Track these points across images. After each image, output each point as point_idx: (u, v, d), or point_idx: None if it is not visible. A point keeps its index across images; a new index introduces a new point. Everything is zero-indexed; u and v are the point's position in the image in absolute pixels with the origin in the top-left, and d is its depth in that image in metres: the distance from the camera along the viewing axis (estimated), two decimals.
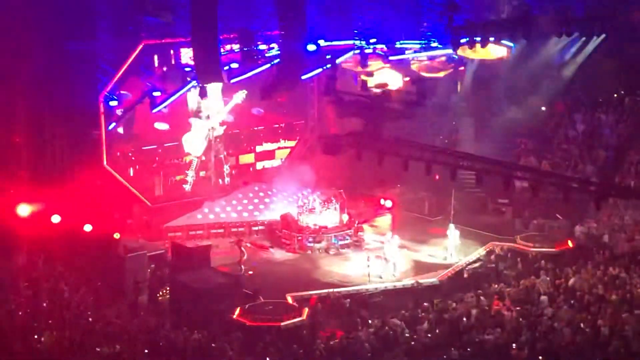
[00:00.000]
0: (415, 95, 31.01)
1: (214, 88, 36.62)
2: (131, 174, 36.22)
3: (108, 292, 28.35)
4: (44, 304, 25.06)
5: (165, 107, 34.19)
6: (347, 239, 34.04)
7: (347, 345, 23.76)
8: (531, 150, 39.39)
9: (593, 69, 39.68)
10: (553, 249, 31.21)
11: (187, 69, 33.57)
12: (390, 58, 35.46)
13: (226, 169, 38.86)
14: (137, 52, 32.98)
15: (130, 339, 23.25)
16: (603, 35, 35.94)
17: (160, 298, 29.56)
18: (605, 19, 31.83)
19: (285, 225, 34.60)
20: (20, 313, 24.13)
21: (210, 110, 37.63)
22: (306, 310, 26.47)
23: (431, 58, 35.80)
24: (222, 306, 26.87)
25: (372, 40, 34.81)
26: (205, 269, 29.73)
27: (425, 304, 27.04)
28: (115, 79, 32.74)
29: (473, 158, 27.40)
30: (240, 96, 38.03)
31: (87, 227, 29.41)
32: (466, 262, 31.64)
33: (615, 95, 40.68)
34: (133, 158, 36.63)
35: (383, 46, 35.02)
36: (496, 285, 28.18)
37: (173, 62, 34.82)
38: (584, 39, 38.37)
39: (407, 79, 36.28)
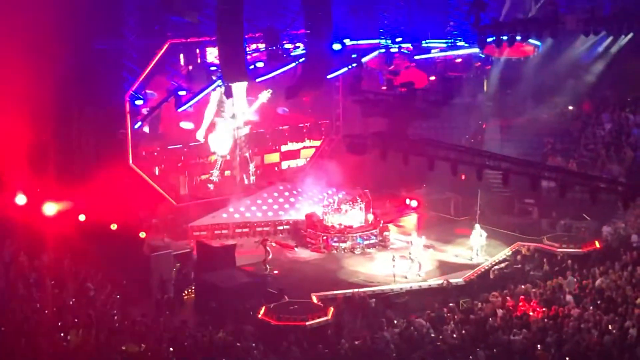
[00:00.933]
0: (441, 94, 30.84)
1: (239, 87, 36.66)
2: (156, 173, 36.32)
3: (133, 290, 28.51)
4: (70, 303, 25.15)
5: (190, 106, 34.27)
6: (373, 239, 33.99)
7: (372, 345, 23.69)
8: (558, 150, 39.16)
9: (621, 68, 39.38)
10: (580, 250, 30.99)
11: (213, 68, 33.64)
12: (416, 57, 35.39)
13: (251, 168, 38.94)
14: (163, 51, 33.13)
15: (156, 338, 23.30)
16: (631, 34, 35.59)
17: (185, 297, 29.66)
18: (633, 17, 31.48)
19: (311, 225, 34.59)
20: (46, 311, 24.25)
21: (235, 110, 37.69)
22: (331, 310, 26.41)
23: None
24: (247, 305, 26.91)
25: (397, 40, 34.76)
26: (231, 268, 29.79)
27: (451, 304, 26.94)
28: (141, 78, 32.90)
29: (499, 158, 27.11)
30: (265, 95, 38.12)
31: (113, 226, 29.55)
32: (492, 262, 31.49)
33: None
34: (158, 157, 36.71)
35: (409, 45, 34.95)
36: (522, 286, 27.97)
37: (199, 61, 34.93)
38: (611, 37, 38.07)
39: (433, 78, 36.22)
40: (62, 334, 22.65)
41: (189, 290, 29.91)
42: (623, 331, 22.64)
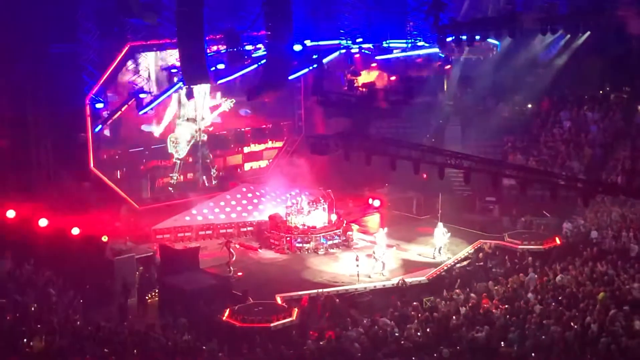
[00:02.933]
0: (402, 94, 31.05)
1: (200, 91, 36.58)
2: (118, 177, 36.07)
3: (97, 295, 28.28)
4: (32, 309, 24.90)
5: (151, 108, 34.13)
6: (336, 239, 34.04)
7: (337, 345, 23.72)
8: (518, 148, 39.54)
9: (578, 66, 39.88)
10: (541, 246, 31.32)
11: (174, 70, 33.55)
12: (377, 57, 35.57)
13: (213, 172, 38.85)
14: (122, 53, 32.93)
15: (120, 342, 23.14)
16: (587, 32, 36.07)
17: (149, 300, 29.49)
18: (590, 15, 31.95)
19: (274, 226, 34.56)
20: (8, 318, 23.98)
21: (195, 113, 37.58)
22: (296, 310, 26.44)
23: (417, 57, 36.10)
24: (211, 308, 26.83)
25: (358, 40, 34.93)
26: (194, 271, 29.69)
27: (414, 302, 27.07)
28: (101, 81, 32.68)
29: (460, 156, 27.40)
30: (227, 105, 38.15)
31: (75, 230, 29.32)
32: (455, 260, 31.71)
33: (601, 91, 40.85)
34: (120, 160, 36.47)
35: (369, 46, 35.14)
36: (485, 283, 28.20)
37: (160, 63, 34.82)
38: (568, 36, 38.55)
39: (394, 78, 36.41)
40: (24, 340, 22.41)
41: (153, 293, 29.75)
42: (584, 327, 22.88)
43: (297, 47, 32.67)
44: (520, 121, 41.47)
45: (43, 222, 29.23)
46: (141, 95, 33.11)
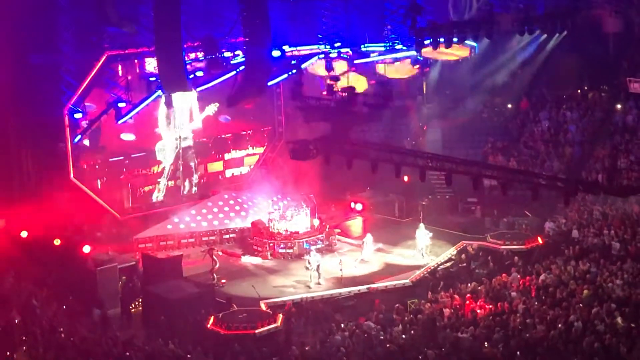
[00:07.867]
0: (382, 97, 31.06)
1: (183, 97, 36.48)
2: (99, 186, 35.88)
3: (80, 306, 28.13)
4: (16, 321, 24.75)
5: (130, 117, 34.02)
6: (319, 244, 34.03)
7: (323, 350, 23.73)
8: (498, 148, 39.69)
9: (556, 66, 40.08)
10: (523, 246, 31.42)
11: (152, 79, 33.45)
12: (356, 61, 35.62)
13: (195, 177, 38.73)
14: (100, 63, 32.82)
15: (104, 353, 23.05)
16: (564, 32, 36.25)
17: (133, 310, 29.37)
18: (566, 15, 32.12)
19: (257, 232, 34.52)
20: None
21: (179, 120, 37.48)
22: (280, 316, 26.42)
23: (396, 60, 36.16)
24: (195, 316, 26.76)
25: (336, 45, 34.98)
26: (178, 279, 29.60)
27: (398, 305, 27.10)
28: (80, 91, 32.57)
29: (441, 158, 27.50)
30: (212, 108, 38.08)
31: (56, 241, 29.17)
32: (438, 262, 31.78)
33: (579, 91, 41.07)
34: (100, 170, 36.28)
35: (348, 50, 35.19)
36: (469, 284, 28.26)
37: (138, 71, 34.72)
38: (545, 36, 38.76)
39: (373, 81, 36.47)
40: (8, 353, 22.28)
41: (137, 303, 29.64)
42: (568, 325, 22.99)
43: (276, 53, 32.70)
44: (500, 122, 41.65)
45: (24, 234, 29.08)
46: (119, 105, 32.98)
